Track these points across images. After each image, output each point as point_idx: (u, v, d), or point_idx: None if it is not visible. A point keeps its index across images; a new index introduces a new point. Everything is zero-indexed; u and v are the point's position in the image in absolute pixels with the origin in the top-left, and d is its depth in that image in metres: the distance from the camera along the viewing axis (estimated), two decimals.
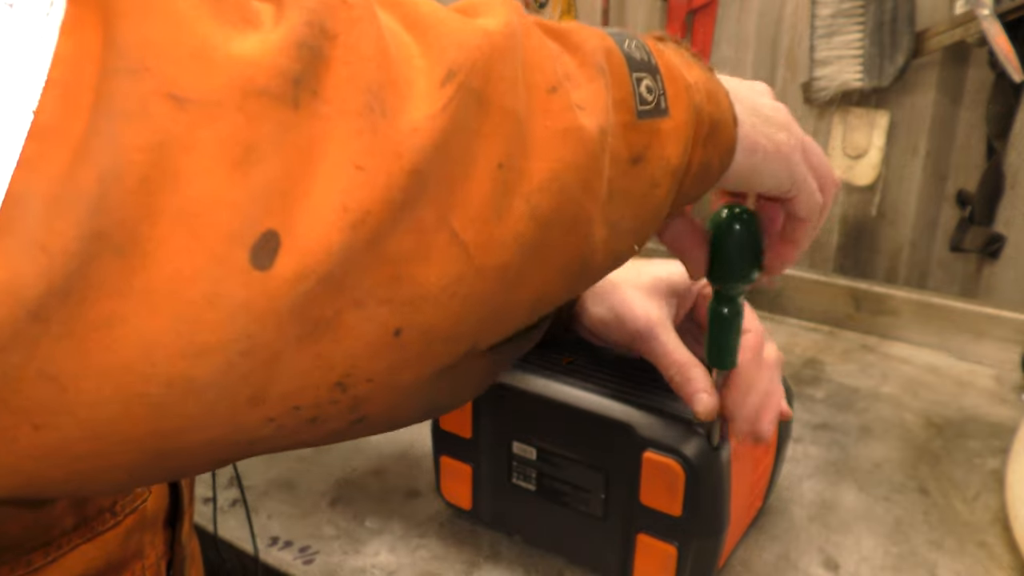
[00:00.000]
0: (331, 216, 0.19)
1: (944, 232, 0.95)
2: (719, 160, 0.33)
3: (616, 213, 0.28)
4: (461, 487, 0.55)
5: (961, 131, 0.92)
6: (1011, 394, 0.79)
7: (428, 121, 0.21)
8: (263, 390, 0.20)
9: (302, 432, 0.23)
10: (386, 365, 0.23)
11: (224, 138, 0.18)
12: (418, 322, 0.22)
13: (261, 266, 0.19)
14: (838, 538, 0.56)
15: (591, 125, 0.26)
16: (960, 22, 0.84)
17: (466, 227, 0.22)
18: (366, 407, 0.23)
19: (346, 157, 0.20)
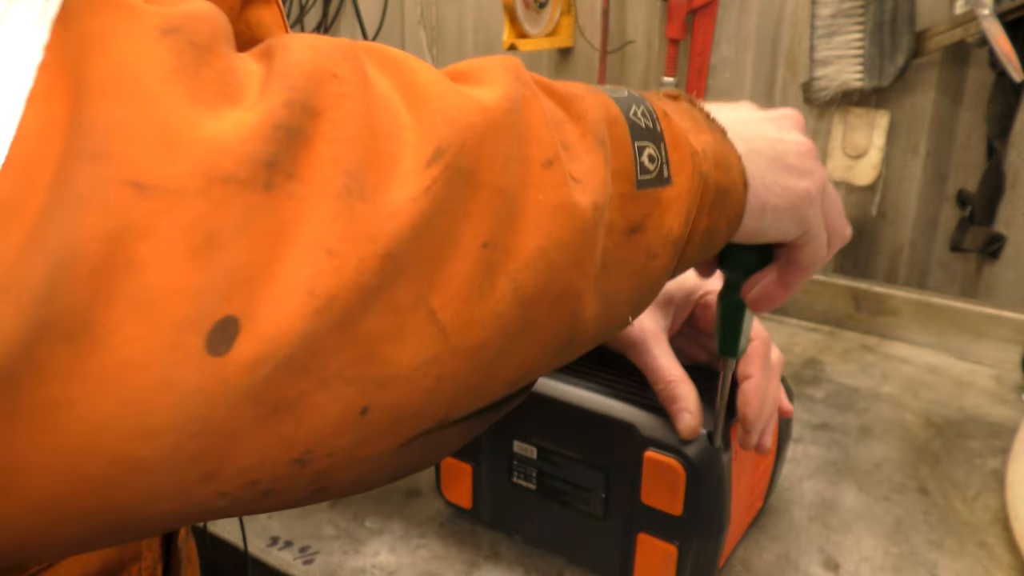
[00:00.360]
0: (295, 301, 0.19)
1: (944, 232, 0.96)
2: (726, 225, 0.33)
3: (611, 285, 0.28)
4: (461, 486, 0.55)
5: (961, 131, 0.92)
6: (1011, 394, 0.79)
7: (409, 204, 0.21)
8: (216, 468, 0.20)
9: (257, 503, 0.22)
10: (349, 441, 0.22)
11: (185, 225, 0.18)
12: (386, 401, 0.22)
13: (216, 352, 0.18)
14: (838, 538, 0.56)
15: (585, 201, 0.25)
16: (960, 22, 0.84)
17: (444, 306, 0.22)
18: (327, 479, 0.23)
19: (318, 241, 0.19)
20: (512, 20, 1.01)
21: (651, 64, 1.07)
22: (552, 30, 1.07)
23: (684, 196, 0.30)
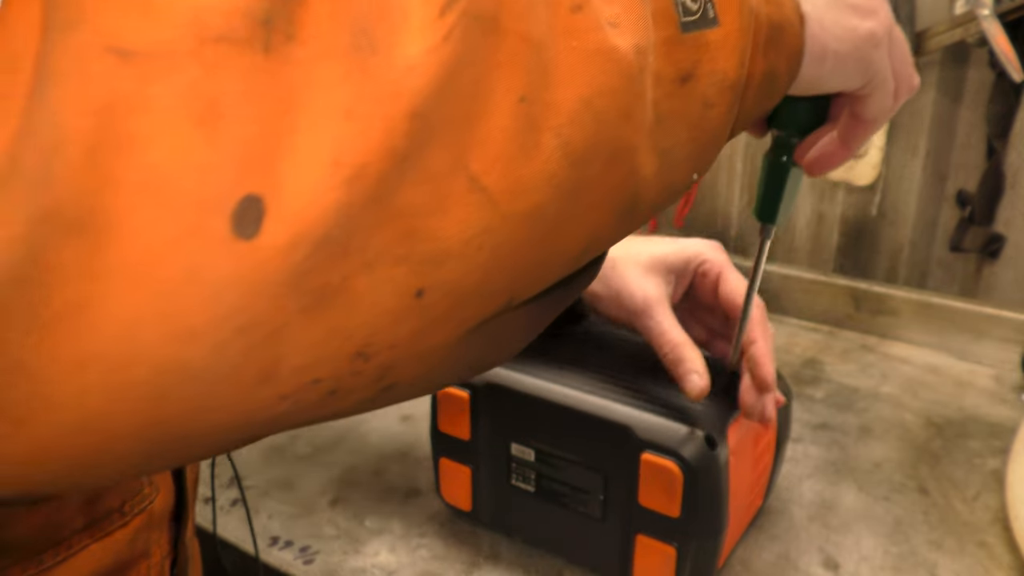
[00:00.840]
0: (320, 173, 0.17)
1: (944, 232, 0.95)
2: (787, 66, 0.30)
3: (667, 140, 0.25)
4: (460, 489, 0.55)
5: (961, 131, 0.92)
6: (1011, 394, 0.79)
7: (427, 56, 0.19)
8: (271, 368, 0.19)
9: (324, 405, 0.21)
10: (410, 329, 0.21)
11: (181, 94, 0.16)
12: (441, 280, 0.20)
13: (245, 235, 0.17)
14: (838, 538, 0.56)
15: (625, 44, 0.23)
16: (960, 22, 0.84)
17: (487, 170, 0.20)
18: (394, 375, 0.22)
19: (332, 105, 0.18)
20: None
21: None
22: None
23: (735, 36, 0.27)
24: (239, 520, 0.58)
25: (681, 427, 0.45)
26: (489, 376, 0.52)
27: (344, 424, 0.71)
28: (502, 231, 0.21)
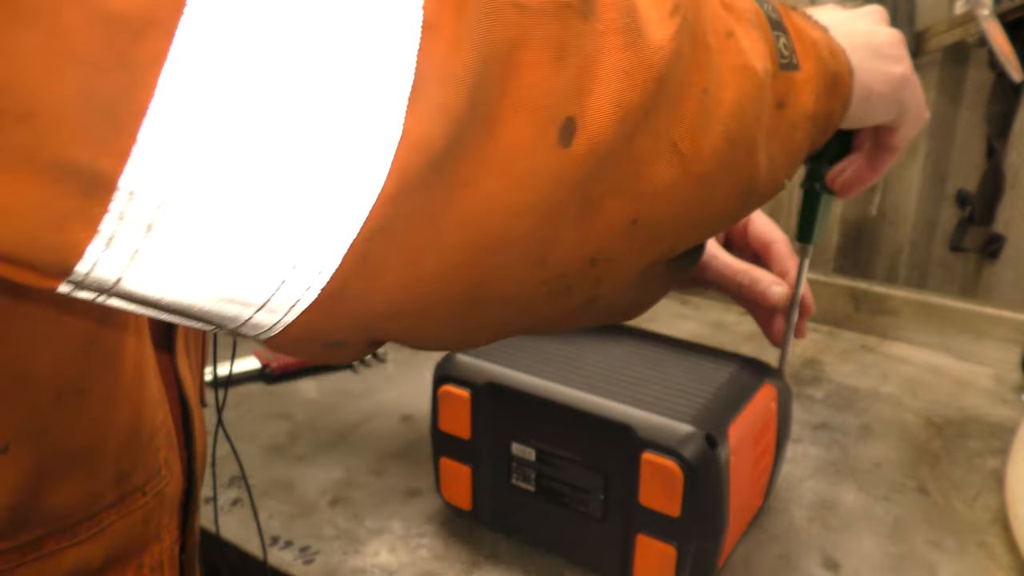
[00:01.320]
0: (608, 110, 0.23)
1: (944, 232, 0.96)
2: (840, 108, 0.37)
3: (772, 147, 0.32)
4: (461, 488, 0.55)
5: (961, 131, 0.92)
6: (1011, 394, 0.79)
7: (665, 42, 0.25)
8: (547, 253, 0.24)
9: (556, 300, 0.27)
10: (622, 248, 0.27)
11: (547, 38, 0.22)
12: (650, 215, 0.27)
13: (564, 144, 0.22)
14: (838, 538, 0.56)
15: (758, 66, 0.30)
16: (960, 22, 0.84)
17: (683, 138, 0.26)
18: (601, 286, 0.28)
19: (617, 65, 0.23)
20: None
21: None
22: None
23: (813, 79, 0.34)
24: (239, 520, 0.58)
25: (682, 427, 0.45)
26: (490, 375, 0.52)
27: (344, 424, 0.71)
28: (684, 187, 0.27)
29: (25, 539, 0.30)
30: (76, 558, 0.32)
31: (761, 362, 0.56)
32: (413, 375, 0.81)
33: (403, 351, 0.85)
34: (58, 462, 0.30)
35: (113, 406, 0.32)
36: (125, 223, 0.17)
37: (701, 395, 0.49)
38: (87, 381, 0.31)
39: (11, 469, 0.29)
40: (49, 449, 0.30)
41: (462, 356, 0.54)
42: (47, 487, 0.30)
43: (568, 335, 0.57)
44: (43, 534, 0.30)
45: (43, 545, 0.30)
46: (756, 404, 0.51)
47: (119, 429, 0.33)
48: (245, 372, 0.79)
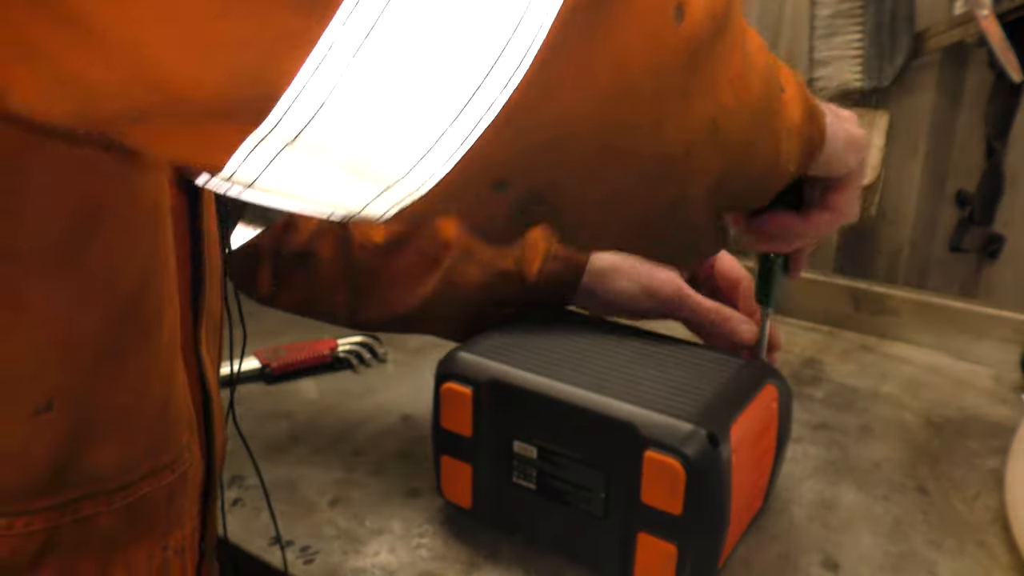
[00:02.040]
0: (703, 6, 0.27)
1: (944, 232, 0.96)
2: (819, 139, 0.42)
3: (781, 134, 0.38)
4: (461, 486, 0.55)
5: (960, 131, 0.92)
6: (1010, 394, 0.79)
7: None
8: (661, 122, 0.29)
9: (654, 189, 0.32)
10: (705, 146, 0.32)
11: None
12: (724, 122, 0.31)
13: (678, 21, 0.26)
14: (838, 538, 0.56)
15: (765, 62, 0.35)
16: (959, 22, 0.84)
17: (736, 76, 0.31)
18: (688, 187, 0.33)
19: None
20: None
21: None
22: None
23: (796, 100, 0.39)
24: (240, 520, 0.58)
25: (684, 425, 0.45)
26: (492, 373, 0.52)
27: (344, 424, 0.71)
28: (742, 115, 0.33)
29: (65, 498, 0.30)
30: (109, 526, 0.32)
31: (763, 362, 0.56)
32: (413, 375, 0.81)
33: (403, 351, 0.85)
34: (96, 425, 0.31)
35: (148, 376, 0.33)
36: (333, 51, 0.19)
37: (703, 394, 0.49)
38: (125, 346, 0.31)
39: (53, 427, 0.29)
40: (89, 411, 0.31)
41: (465, 354, 0.54)
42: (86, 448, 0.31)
43: (569, 335, 0.57)
44: (80, 496, 0.31)
45: (80, 508, 0.31)
46: (758, 404, 0.51)
47: (153, 400, 0.34)
48: (245, 372, 0.79)
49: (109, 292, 0.30)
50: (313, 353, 0.80)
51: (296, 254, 0.62)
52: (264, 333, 0.89)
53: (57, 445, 0.30)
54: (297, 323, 0.91)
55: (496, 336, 0.56)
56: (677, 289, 0.57)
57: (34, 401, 0.29)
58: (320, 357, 0.81)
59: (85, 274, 0.29)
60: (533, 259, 0.59)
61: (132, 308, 0.31)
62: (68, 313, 0.29)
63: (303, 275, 0.63)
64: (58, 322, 0.29)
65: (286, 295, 0.64)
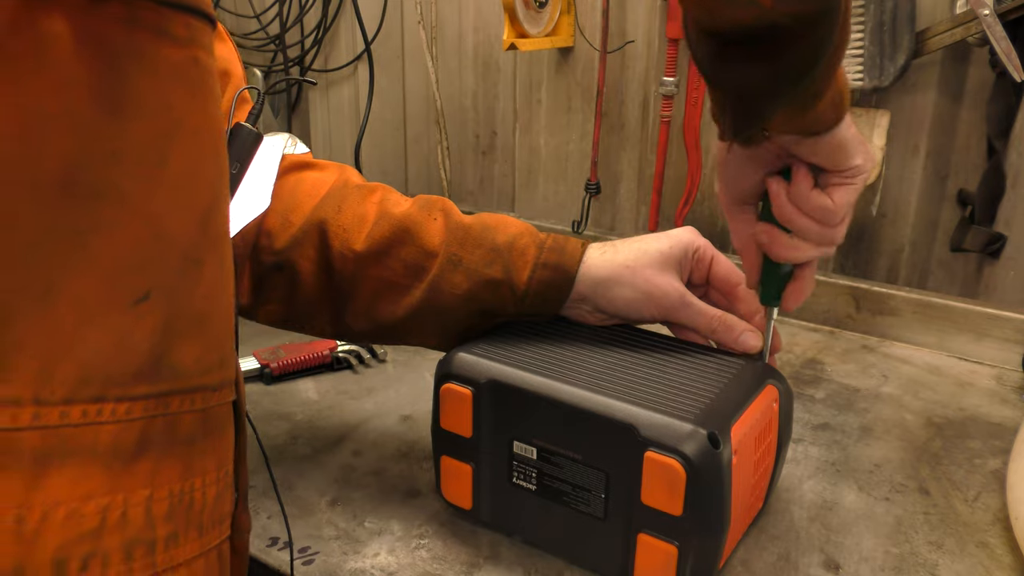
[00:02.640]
0: None
1: (945, 232, 0.95)
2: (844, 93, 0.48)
3: None
4: (461, 487, 0.55)
5: (962, 131, 0.92)
6: (1012, 394, 0.79)
7: None
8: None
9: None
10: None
11: None
12: None
13: None
14: (838, 538, 0.56)
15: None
16: (961, 21, 0.84)
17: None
18: None
19: None
20: (512, 20, 1.00)
21: (651, 64, 1.07)
22: (552, 30, 1.07)
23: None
24: None
25: (684, 425, 0.45)
26: (492, 373, 0.52)
27: (344, 424, 0.71)
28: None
29: (159, 389, 0.33)
30: (189, 429, 0.34)
31: (763, 363, 0.55)
32: (413, 375, 0.81)
33: (403, 351, 0.85)
34: (182, 323, 0.33)
35: (218, 288, 0.36)
36: None
37: (704, 395, 0.49)
38: (202, 255, 0.34)
39: (150, 318, 0.32)
40: (177, 308, 0.33)
41: (465, 355, 0.53)
42: (173, 343, 0.33)
43: (568, 336, 0.57)
44: (169, 391, 0.33)
45: (169, 403, 0.33)
46: (758, 405, 0.50)
47: (221, 312, 0.36)
48: (244, 372, 0.78)
49: (190, 200, 0.33)
50: (313, 353, 0.80)
51: (275, 264, 0.60)
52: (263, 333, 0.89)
53: (153, 335, 0.32)
54: None
55: (496, 336, 0.56)
56: (681, 295, 0.56)
57: (134, 292, 0.31)
58: (320, 357, 0.81)
59: (171, 180, 0.32)
60: (523, 267, 0.57)
61: (207, 221, 0.34)
62: (161, 213, 0.31)
63: (282, 287, 0.61)
64: (154, 220, 0.31)
65: (265, 308, 0.62)
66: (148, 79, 0.30)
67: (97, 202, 0.29)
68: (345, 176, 0.63)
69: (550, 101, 1.17)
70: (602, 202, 1.17)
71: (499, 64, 1.21)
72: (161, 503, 0.33)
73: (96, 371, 0.30)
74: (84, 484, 0.30)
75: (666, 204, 1.10)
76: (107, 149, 0.29)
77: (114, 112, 0.29)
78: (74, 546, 0.30)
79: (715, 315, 0.56)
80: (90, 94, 0.28)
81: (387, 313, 0.59)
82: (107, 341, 0.30)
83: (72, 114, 0.28)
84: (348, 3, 1.32)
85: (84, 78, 0.28)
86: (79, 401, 0.30)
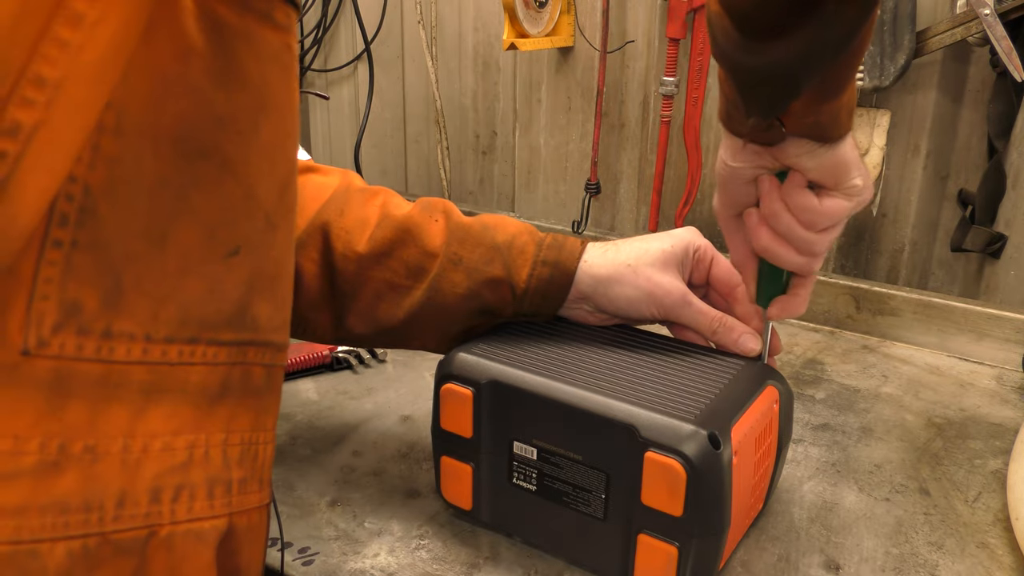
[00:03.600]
0: None
1: (945, 232, 0.95)
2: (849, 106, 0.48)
3: None
4: (461, 487, 0.55)
5: (962, 130, 0.91)
6: (1012, 394, 0.79)
7: None
8: None
9: None
10: None
11: None
12: None
13: None
14: (839, 539, 0.56)
15: None
16: (961, 21, 0.84)
17: None
18: None
19: None
20: (512, 19, 1.00)
21: (651, 63, 1.07)
22: (552, 29, 1.07)
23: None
24: None
25: (685, 426, 0.45)
26: (492, 374, 0.52)
27: (344, 425, 0.71)
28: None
29: (241, 337, 0.35)
30: (260, 382, 0.37)
31: (764, 364, 0.55)
32: (413, 375, 0.81)
33: (403, 352, 0.85)
34: (262, 278, 0.36)
35: (288, 251, 0.39)
36: None
37: (704, 395, 0.49)
38: (280, 219, 0.37)
39: (239, 270, 0.35)
40: (259, 264, 0.36)
41: (465, 355, 0.53)
42: (255, 296, 0.36)
43: (569, 336, 0.57)
44: (248, 340, 0.36)
45: (247, 352, 0.36)
46: (759, 405, 0.50)
47: (287, 275, 0.39)
48: None
49: (274, 169, 0.36)
50: (312, 354, 0.80)
51: None
52: None
53: (240, 287, 0.35)
54: None
55: (496, 337, 0.56)
56: (682, 295, 0.56)
57: (228, 245, 0.34)
58: (319, 358, 0.81)
59: (261, 148, 0.34)
60: (522, 265, 0.57)
61: (285, 189, 0.37)
62: (253, 176, 0.34)
63: None
64: (247, 181, 0.34)
65: None
66: (252, 57, 0.33)
67: (202, 161, 0.32)
68: (348, 180, 0.63)
69: (550, 101, 1.17)
70: (602, 202, 1.17)
71: (499, 64, 1.21)
72: (234, 448, 0.36)
73: (193, 314, 0.33)
74: (175, 420, 0.33)
75: (666, 204, 1.10)
76: (214, 114, 0.32)
77: (222, 83, 0.32)
78: (168, 476, 0.32)
79: (716, 316, 0.56)
80: (204, 65, 0.31)
81: (388, 315, 0.59)
82: (203, 288, 0.33)
83: (189, 80, 0.31)
84: (348, 3, 1.32)
85: (202, 50, 0.31)
86: (178, 341, 0.33)
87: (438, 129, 1.25)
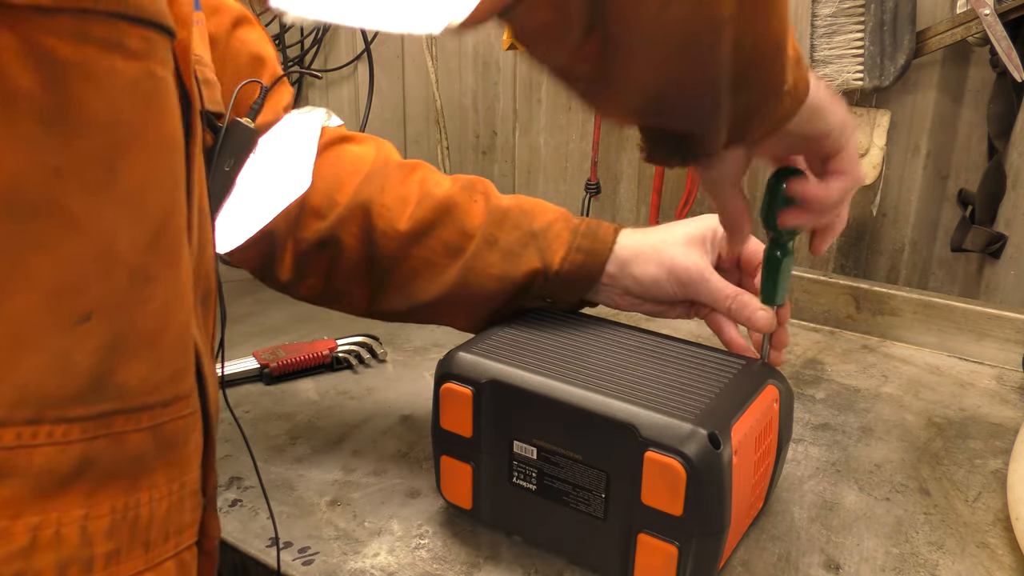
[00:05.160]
0: None
1: (945, 232, 0.95)
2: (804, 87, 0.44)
3: None
4: (461, 487, 0.55)
5: (962, 130, 0.91)
6: (1012, 394, 0.79)
7: None
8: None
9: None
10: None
11: None
12: None
13: None
14: (839, 539, 0.56)
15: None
16: (961, 21, 0.84)
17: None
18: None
19: None
20: None
21: None
22: None
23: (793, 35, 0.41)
24: (238, 521, 0.58)
25: (685, 425, 0.45)
26: (492, 373, 0.52)
27: (344, 424, 0.71)
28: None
29: (100, 410, 0.32)
30: (137, 447, 0.33)
31: (764, 363, 0.55)
32: (413, 375, 0.81)
33: (403, 351, 0.85)
34: (129, 341, 0.32)
35: (172, 304, 0.35)
36: None
37: (704, 395, 0.49)
38: (154, 272, 0.33)
39: (92, 337, 0.31)
40: (123, 327, 0.32)
41: (465, 354, 0.53)
42: (119, 363, 0.32)
43: (569, 335, 0.57)
44: (112, 410, 0.32)
45: (112, 423, 0.32)
46: (759, 405, 0.50)
47: (175, 328, 0.35)
48: (244, 373, 0.78)
49: (141, 216, 0.32)
50: (312, 353, 0.80)
51: (319, 241, 0.62)
52: (264, 333, 0.89)
53: (95, 356, 0.31)
54: (297, 323, 0.91)
55: (496, 336, 0.56)
56: (700, 271, 0.57)
57: (76, 311, 0.30)
58: (319, 357, 0.81)
59: (120, 195, 0.31)
60: (557, 249, 0.59)
61: (160, 236, 0.33)
62: (108, 230, 0.30)
63: (324, 263, 0.63)
64: (100, 237, 0.30)
65: (305, 283, 0.64)
66: (96, 94, 0.28)
67: (38, 221, 0.28)
68: (384, 153, 0.65)
69: (550, 101, 1.17)
70: (602, 202, 1.17)
71: (499, 64, 1.21)
72: (100, 520, 0.32)
73: (32, 393, 0.29)
74: (13, 505, 0.29)
75: (666, 204, 1.09)
76: (49, 166, 0.28)
77: (59, 129, 0.28)
78: (3, 564, 0.29)
79: (731, 292, 0.57)
80: (32, 109, 0.27)
81: (422, 291, 0.61)
82: (44, 362, 0.30)
83: (15, 129, 0.27)
84: None
85: (26, 92, 0.27)
86: (13, 423, 0.29)
87: (438, 129, 1.25)
